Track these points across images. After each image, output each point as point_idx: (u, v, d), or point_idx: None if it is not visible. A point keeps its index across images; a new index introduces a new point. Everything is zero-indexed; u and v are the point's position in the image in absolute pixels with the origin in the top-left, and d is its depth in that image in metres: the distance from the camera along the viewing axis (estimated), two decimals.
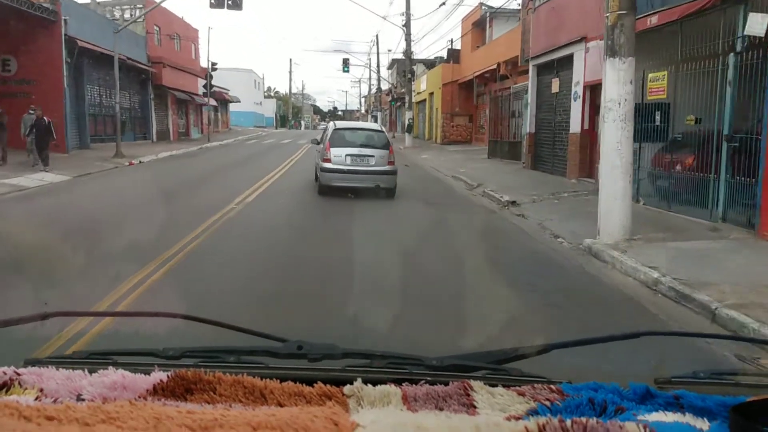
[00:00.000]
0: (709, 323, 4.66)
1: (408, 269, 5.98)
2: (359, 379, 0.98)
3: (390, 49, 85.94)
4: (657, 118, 9.50)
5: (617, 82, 7.05)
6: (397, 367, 1.12)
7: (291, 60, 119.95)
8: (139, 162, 18.93)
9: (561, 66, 14.26)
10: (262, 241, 7.45)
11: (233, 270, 5.85)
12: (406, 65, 31.33)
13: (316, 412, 0.78)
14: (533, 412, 0.88)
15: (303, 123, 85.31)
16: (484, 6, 27.62)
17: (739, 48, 7.75)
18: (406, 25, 31.05)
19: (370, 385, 0.97)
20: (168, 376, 0.97)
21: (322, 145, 11.93)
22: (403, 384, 0.99)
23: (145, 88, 27.46)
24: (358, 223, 8.89)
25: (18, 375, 0.95)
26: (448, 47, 32.39)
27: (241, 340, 1.25)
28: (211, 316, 1.25)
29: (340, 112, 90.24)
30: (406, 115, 31.83)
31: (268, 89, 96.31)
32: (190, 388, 0.96)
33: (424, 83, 37.42)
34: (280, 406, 0.91)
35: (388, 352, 1.16)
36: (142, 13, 24.65)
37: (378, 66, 51.77)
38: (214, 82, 45.85)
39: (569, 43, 13.19)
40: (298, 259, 6.42)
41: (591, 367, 1.13)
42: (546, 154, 15.26)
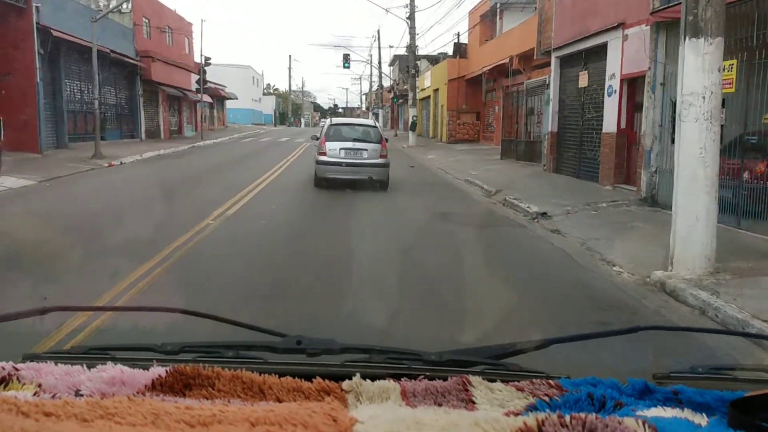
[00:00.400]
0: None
1: (429, 311, 4.54)
2: (358, 375, 0.97)
3: (392, 45, 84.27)
4: (722, 116, 7.87)
5: (701, 69, 5.45)
6: (396, 363, 1.12)
7: (290, 56, 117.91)
8: (120, 163, 17.32)
9: (591, 57, 12.62)
10: (237, 273, 5.81)
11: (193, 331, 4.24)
12: (409, 60, 29.66)
13: (315, 408, 0.78)
14: (532, 408, 0.89)
15: (303, 120, 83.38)
16: None
17: None
18: (410, 17, 29.42)
19: (368, 381, 0.96)
20: (167, 372, 0.96)
21: (318, 140, 12.29)
22: (401, 379, 0.99)
23: (132, 84, 25.82)
24: (360, 243, 7.27)
25: (16, 370, 0.94)
26: (455, 41, 30.68)
27: (240, 335, 1.25)
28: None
29: (340, 110, 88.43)
30: (410, 112, 30.17)
31: (268, 86, 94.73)
32: (189, 383, 0.95)
33: (428, 79, 35.77)
34: (279, 401, 0.91)
35: (386, 347, 1.17)
36: (123, 0, 22.91)
37: (379, 62, 50.08)
38: (209, 78, 44.29)
39: (602, 31, 11.56)
40: (283, 305, 4.81)
41: (590, 362, 1.27)
42: (571, 156, 13.63)
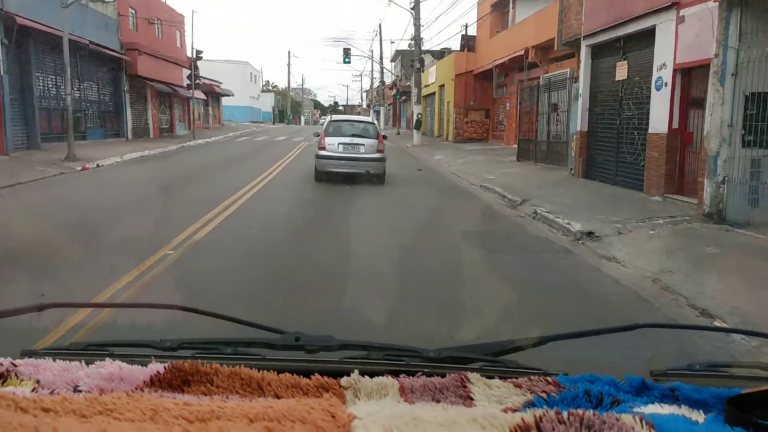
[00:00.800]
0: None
1: None
2: (356, 371, 0.97)
3: (393, 41, 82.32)
4: None
5: None
6: (395, 359, 1.12)
7: (289, 52, 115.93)
8: (96, 166, 15.61)
9: (631, 45, 10.89)
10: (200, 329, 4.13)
11: None
12: (414, 54, 27.89)
13: (313, 404, 0.78)
14: (530, 404, 0.89)
15: (303, 118, 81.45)
16: None
17: None
18: (415, 7, 27.66)
19: (367, 377, 0.96)
20: (165, 368, 0.96)
21: (319, 137, 12.93)
22: (400, 376, 0.99)
23: (117, 79, 24.09)
24: (371, 283, 5.55)
25: (15, 366, 0.94)
26: (462, 33, 28.91)
27: (239, 332, 1.24)
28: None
29: (340, 107, 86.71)
30: (414, 109, 28.43)
31: (267, 83, 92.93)
32: (187, 379, 0.95)
33: (432, 75, 34.01)
34: (277, 397, 0.91)
35: (385, 344, 1.16)
36: None
37: (381, 57, 48.36)
38: (205, 74, 42.57)
39: (649, 13, 9.82)
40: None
41: (587, 359, 1.13)
42: (606, 159, 11.89)
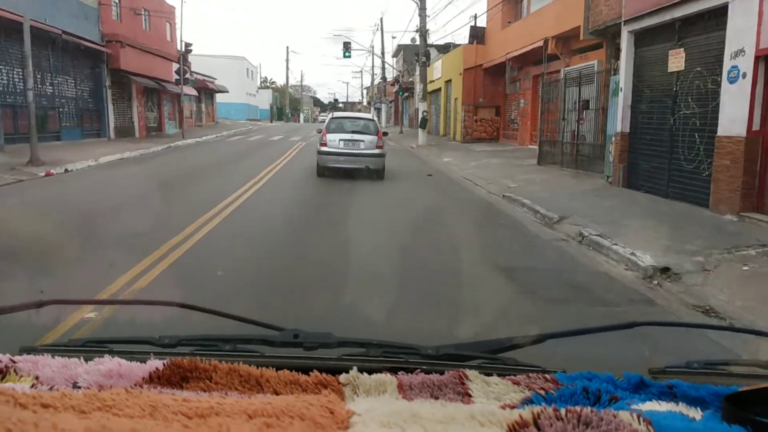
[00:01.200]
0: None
1: None
2: (355, 368, 0.97)
3: (394, 35, 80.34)
4: None
5: None
6: (393, 356, 1.12)
7: (288, 47, 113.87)
8: (64, 171, 13.81)
9: (690, 29, 9.07)
10: None
11: None
12: (419, 46, 26.04)
13: (312, 401, 0.78)
14: (528, 401, 0.89)
15: (302, 116, 79.45)
16: None
17: None
18: None
19: (365, 374, 0.96)
20: (164, 364, 0.96)
21: (321, 133, 13.36)
22: (398, 373, 0.99)
23: (97, 74, 22.24)
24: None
25: (14, 362, 0.95)
26: (471, 25, 27.08)
27: (238, 329, 1.23)
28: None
29: (340, 104, 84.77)
30: (419, 107, 26.60)
31: (265, 80, 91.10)
32: (186, 376, 0.95)
33: (438, 70, 32.17)
34: (276, 394, 0.91)
35: (383, 341, 1.16)
36: None
37: (382, 51, 46.46)
38: (198, 70, 40.77)
39: None
40: None
41: (586, 356, 1.14)
42: (655, 166, 10.06)
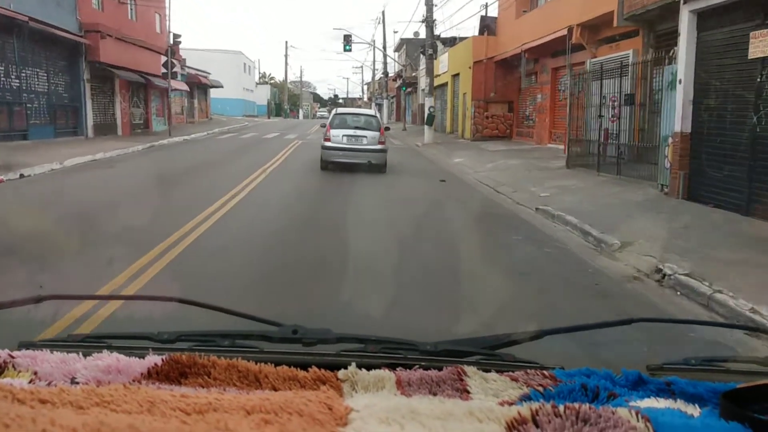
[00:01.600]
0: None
1: None
2: (353, 364, 0.97)
3: (396, 30, 77.95)
4: None
5: None
6: (391, 352, 1.11)
7: (287, 42, 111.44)
8: (19, 176, 11.94)
9: None
10: None
11: None
12: (426, 37, 24.10)
13: (311, 396, 0.78)
14: (526, 398, 0.89)
15: (301, 112, 77.39)
16: None
17: None
18: None
19: (364, 370, 0.96)
20: (162, 360, 0.95)
21: (325, 128, 13.68)
22: (397, 369, 0.99)
23: (74, 66, 20.33)
24: None
25: (12, 358, 0.94)
26: (482, 14, 25.12)
27: (236, 324, 1.22)
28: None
29: (340, 100, 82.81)
30: (426, 102, 24.68)
31: (263, 75, 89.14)
32: (185, 371, 0.95)
33: (444, 64, 30.20)
34: (275, 390, 0.91)
35: (382, 337, 1.16)
36: None
37: (384, 44, 44.48)
38: (193, 65, 38.86)
39: None
40: None
41: (584, 353, 1.23)
42: (729, 175, 8.10)
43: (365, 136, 13.38)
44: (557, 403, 0.77)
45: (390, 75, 50.19)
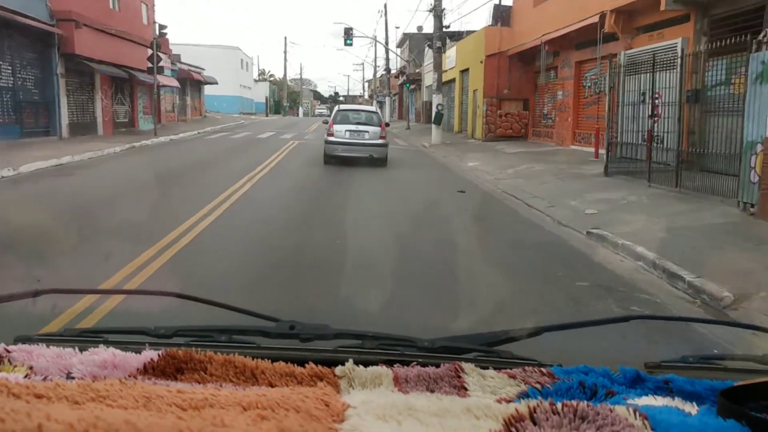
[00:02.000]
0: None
1: None
2: (351, 360, 0.96)
3: (398, 26, 75.83)
4: None
5: None
6: (389, 349, 1.10)
7: (286, 38, 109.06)
8: None
9: None
10: None
11: None
12: (434, 28, 22.14)
13: (307, 393, 0.78)
14: (524, 395, 0.88)
15: (301, 109, 75.38)
16: None
17: None
18: None
19: (361, 366, 0.95)
20: (159, 355, 0.94)
21: (327, 124, 14.49)
22: (394, 365, 0.98)
23: (45, 59, 18.46)
24: None
25: (8, 352, 0.93)
26: (495, 3, 23.15)
27: (233, 320, 1.21)
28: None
29: (341, 98, 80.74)
30: (434, 99, 22.74)
31: (262, 72, 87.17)
32: (181, 367, 0.94)
33: (452, 58, 28.28)
34: (271, 386, 0.90)
35: (379, 333, 1.14)
36: None
37: (386, 39, 42.52)
38: (187, 60, 36.97)
39: None
40: None
41: (582, 350, 1.12)
42: None
43: (367, 132, 13.98)
44: (555, 401, 0.77)
45: (392, 72, 48.20)
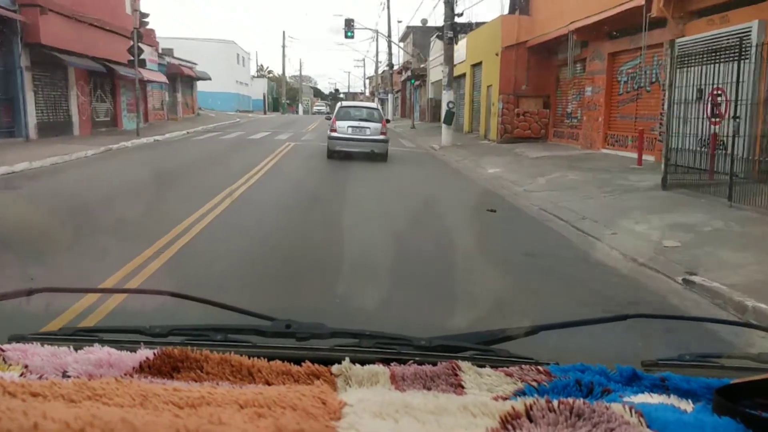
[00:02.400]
0: None
1: None
2: (347, 359, 0.96)
3: (400, 21, 73.66)
4: None
5: None
6: (386, 347, 1.11)
7: (284, 32, 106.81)
8: None
9: None
10: None
11: None
12: (445, 16, 20.11)
13: (304, 391, 0.78)
14: (520, 393, 0.89)
15: (301, 107, 73.28)
16: None
17: None
18: None
19: (358, 365, 0.95)
20: (155, 354, 0.95)
21: (330, 120, 15.24)
22: (391, 364, 0.99)
23: (6, 50, 16.48)
24: None
25: (2, 351, 0.93)
26: None
27: (229, 319, 1.22)
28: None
29: (341, 95, 78.70)
30: (444, 96, 20.76)
31: (261, 68, 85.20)
32: (177, 365, 0.94)
33: (461, 51, 26.21)
34: (268, 384, 0.90)
35: (376, 332, 1.15)
36: None
37: (389, 32, 40.44)
38: (179, 55, 34.98)
39: None
40: None
41: (579, 348, 1.12)
42: None
43: (368, 127, 14.68)
44: (551, 398, 0.77)
45: (395, 67, 46.14)
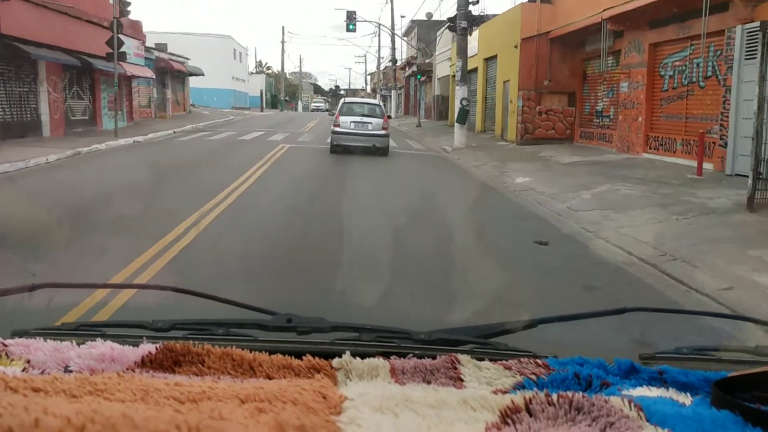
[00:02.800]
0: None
1: None
2: (348, 352, 0.97)
3: (403, 15, 71.42)
4: None
5: None
6: (386, 341, 1.12)
7: (283, 28, 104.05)
8: None
9: None
10: None
11: None
12: (458, 5, 18.07)
13: (305, 385, 0.79)
14: (519, 386, 0.89)
15: (301, 104, 71.24)
16: None
17: None
18: None
19: (358, 358, 0.96)
20: (156, 348, 0.96)
21: (334, 115, 16.31)
22: (391, 357, 0.99)
23: None
24: None
25: (5, 346, 0.93)
26: None
27: (231, 313, 1.24)
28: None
29: (342, 92, 76.74)
30: (457, 93, 18.78)
31: (259, 64, 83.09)
32: (179, 360, 0.95)
33: (473, 45, 24.12)
34: (269, 378, 0.91)
35: (376, 325, 1.16)
36: None
37: (392, 24, 38.44)
38: (173, 50, 33.04)
39: None
40: None
41: (577, 342, 1.15)
42: None
43: (370, 123, 15.52)
44: (550, 392, 0.78)
45: (398, 63, 44.12)
